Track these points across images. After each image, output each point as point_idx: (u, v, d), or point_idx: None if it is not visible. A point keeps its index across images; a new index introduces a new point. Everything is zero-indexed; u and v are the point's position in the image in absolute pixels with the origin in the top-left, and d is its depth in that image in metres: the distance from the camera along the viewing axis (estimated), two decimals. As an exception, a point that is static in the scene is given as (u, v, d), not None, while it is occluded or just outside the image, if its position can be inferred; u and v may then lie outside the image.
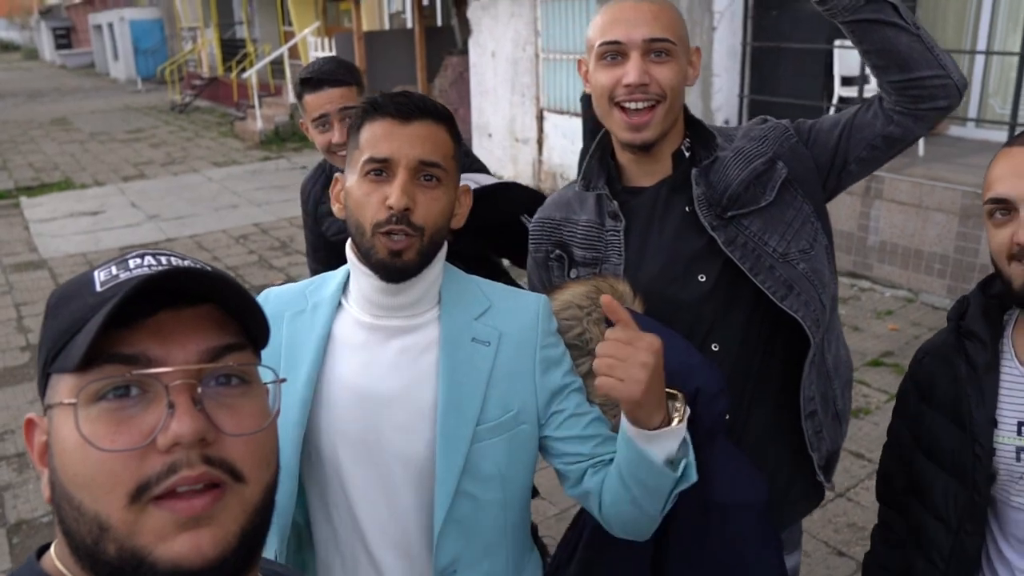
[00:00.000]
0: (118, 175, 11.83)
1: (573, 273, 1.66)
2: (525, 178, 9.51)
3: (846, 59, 6.61)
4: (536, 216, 1.76)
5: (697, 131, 1.64)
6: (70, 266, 7.51)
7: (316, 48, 13.31)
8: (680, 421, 1.24)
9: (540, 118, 9.20)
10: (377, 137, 1.28)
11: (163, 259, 0.73)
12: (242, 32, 19.69)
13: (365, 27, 12.58)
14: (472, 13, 10.03)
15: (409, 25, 13.45)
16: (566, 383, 1.39)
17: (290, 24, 16.27)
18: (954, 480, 1.45)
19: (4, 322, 6.16)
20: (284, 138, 14.15)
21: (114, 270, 0.73)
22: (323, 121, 2.33)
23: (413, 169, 1.27)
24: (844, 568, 3.19)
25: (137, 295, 0.66)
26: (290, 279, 6.37)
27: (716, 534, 1.47)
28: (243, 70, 16.96)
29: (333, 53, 12.59)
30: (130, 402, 0.67)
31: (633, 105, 1.51)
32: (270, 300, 1.43)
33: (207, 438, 0.67)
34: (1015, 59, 5.59)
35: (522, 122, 9.40)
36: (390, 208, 1.25)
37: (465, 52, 10.69)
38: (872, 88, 6.45)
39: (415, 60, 12.13)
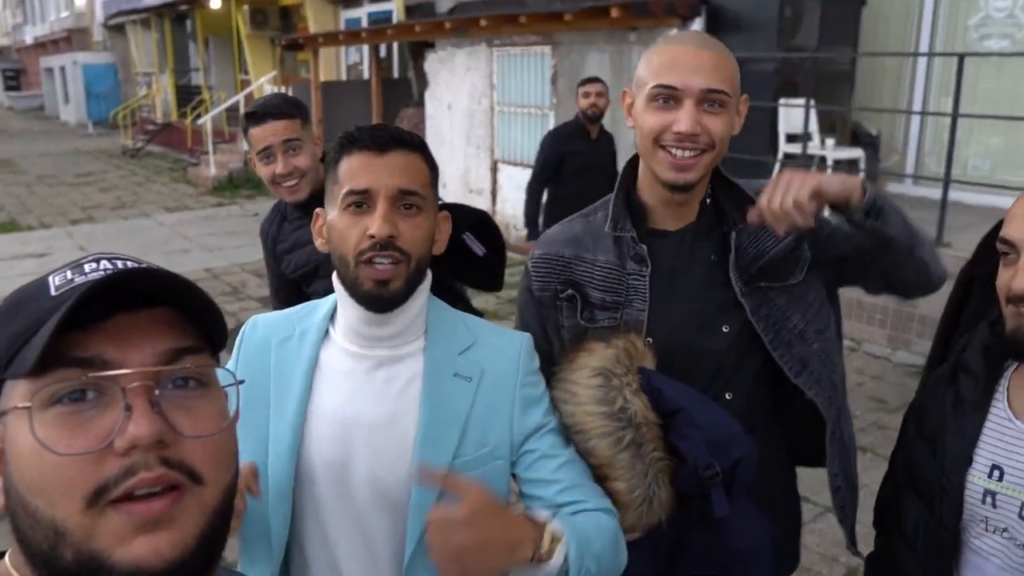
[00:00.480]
0: (66, 218, 11.65)
1: (586, 315, 1.61)
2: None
3: (791, 116, 6.87)
4: (538, 252, 1.69)
5: (723, 183, 1.63)
6: (13, 308, 7.35)
7: (272, 96, 13.39)
8: (552, 558, 1.20)
9: (494, 170, 9.33)
10: (355, 170, 1.30)
11: (119, 263, 0.73)
12: (198, 79, 19.68)
13: (322, 77, 12.69)
14: (429, 66, 10.20)
15: (366, 76, 13.60)
16: (543, 423, 1.39)
17: (246, 72, 16.34)
18: (926, 511, 1.43)
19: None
20: (238, 185, 14.10)
21: (69, 274, 0.72)
22: (267, 153, 2.37)
23: (393, 198, 1.29)
24: None
25: (92, 297, 0.65)
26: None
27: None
28: (198, 116, 16.92)
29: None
30: (86, 406, 0.66)
31: (680, 153, 1.49)
32: (258, 326, 1.44)
33: (165, 440, 0.67)
34: (947, 120, 5.87)
35: (476, 173, 9.53)
36: (372, 237, 1.27)
37: (421, 104, 10.84)
38: (815, 145, 6.70)
39: (371, 110, 12.25)
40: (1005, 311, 1.31)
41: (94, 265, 0.72)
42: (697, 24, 7.14)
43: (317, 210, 1.41)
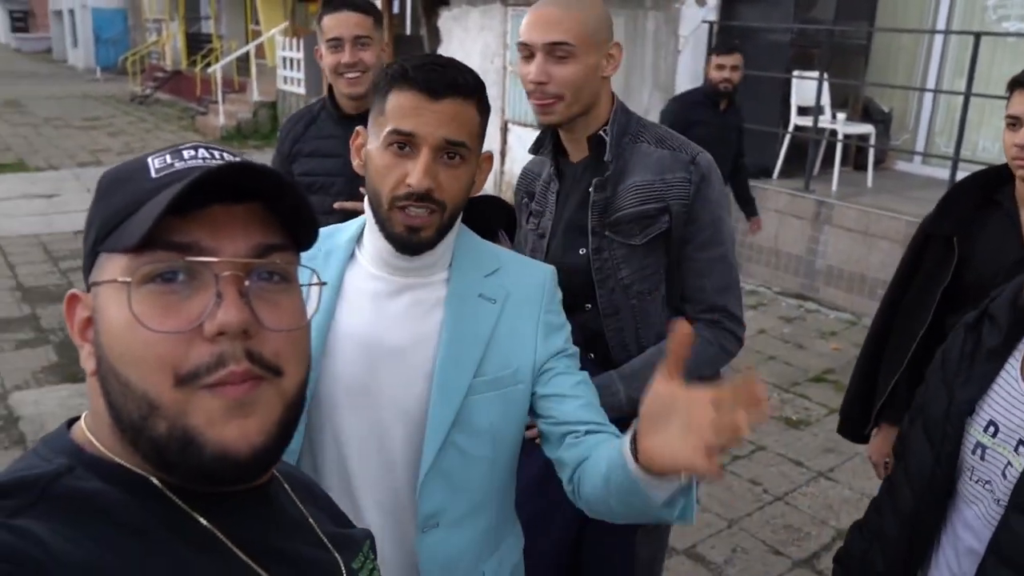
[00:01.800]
0: (73, 160, 11.65)
1: (530, 221, 1.97)
2: (487, 188, 9.60)
3: (803, 89, 6.86)
4: (526, 166, 2.05)
5: (604, 132, 1.83)
6: (22, 246, 7.40)
7: (284, 48, 13.30)
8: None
9: (504, 130, 9.33)
10: (404, 110, 1.25)
11: (215, 153, 0.76)
12: (208, 27, 19.54)
13: (334, 30, 12.61)
14: (443, 23, 10.14)
15: (378, 31, 13.50)
16: (564, 348, 1.41)
17: (257, 23, 16.22)
18: (929, 449, 1.47)
19: (-48, 297, 6.06)
20: (246, 135, 14.06)
21: (168, 159, 0.74)
22: (336, 43, 2.41)
23: (437, 148, 1.25)
24: (780, 566, 3.32)
25: (196, 186, 0.67)
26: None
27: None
28: (207, 65, 16.83)
29: (300, 54, 12.59)
30: (177, 287, 0.69)
31: (537, 99, 1.78)
32: None
33: (249, 330, 0.69)
34: (960, 100, 5.87)
35: (487, 133, 9.52)
36: (409, 186, 1.25)
37: (433, 61, 10.77)
38: (826, 119, 6.70)
39: (383, 67, 12.19)
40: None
41: (192, 152, 0.75)
42: (715, -9, 7.12)
43: (358, 128, 1.39)
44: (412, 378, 1.33)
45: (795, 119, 6.87)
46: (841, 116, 6.80)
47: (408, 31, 13.80)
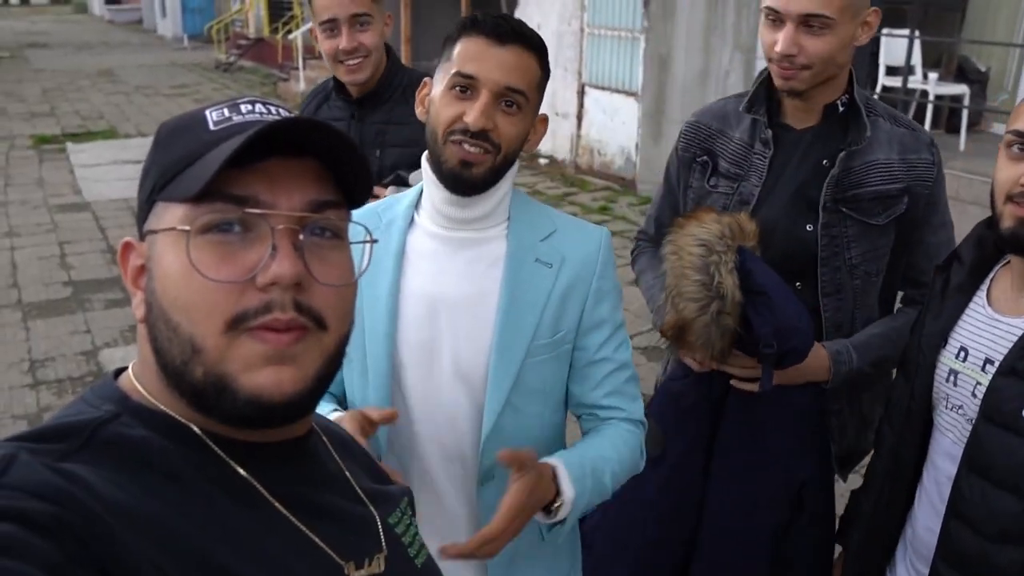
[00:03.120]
0: (162, 127, 12.02)
1: (712, 181, 1.84)
2: (563, 152, 9.55)
3: (892, 48, 6.58)
4: (692, 119, 1.92)
5: (857, 102, 1.74)
6: (112, 210, 7.69)
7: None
8: (556, 515, 1.30)
9: (581, 93, 9.22)
10: (469, 54, 1.31)
11: (272, 108, 0.77)
12: (289, -6, 19.78)
13: (412, -5, 12.62)
14: (520, -15, 10.04)
15: (456, -5, 13.46)
16: (609, 318, 1.45)
17: (337, -11, 16.34)
18: (906, 385, 1.54)
19: (49, 258, 6.34)
20: (325, 101, 14.24)
21: (226, 112, 0.76)
22: (331, 26, 2.15)
23: (497, 93, 1.30)
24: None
25: (256, 139, 0.68)
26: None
27: (770, 425, 1.78)
28: (288, 32, 17.07)
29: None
30: (233, 238, 0.71)
31: (780, 69, 1.67)
32: None
33: (302, 283, 0.71)
34: (1065, 56, 5.54)
35: (563, 96, 9.43)
36: (466, 123, 1.30)
37: (510, 24, 10.70)
38: (916, 79, 6.42)
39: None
40: (1002, 209, 1.36)
41: (249, 107, 0.77)
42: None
43: (425, 79, 1.42)
44: (471, 334, 1.38)
45: (883, 79, 6.60)
46: (933, 76, 6.49)
47: (485, -6, 13.73)
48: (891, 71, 6.59)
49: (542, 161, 9.70)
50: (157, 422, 0.72)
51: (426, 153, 1.39)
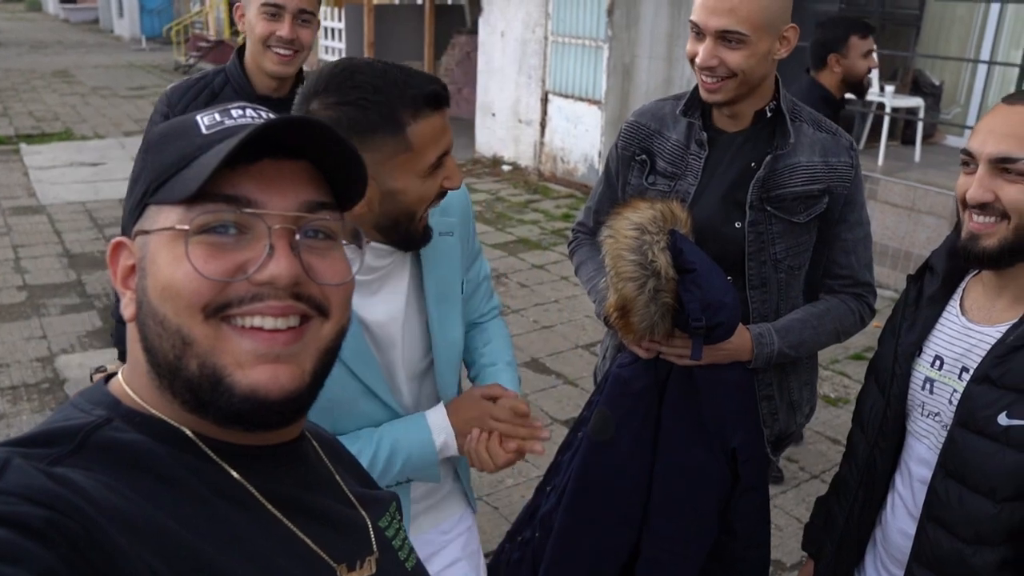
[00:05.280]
0: (119, 129, 11.81)
1: (649, 179, 1.95)
2: (526, 159, 9.57)
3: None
4: (631, 118, 2.03)
5: (782, 108, 1.86)
6: (68, 213, 7.54)
7: (325, 17, 13.30)
8: None
9: (545, 100, 9.26)
10: None
11: (262, 113, 0.78)
12: (251, -3, 19.56)
13: (376, 0, 12.59)
14: (484, -8, 10.05)
15: (419, 1, 13.45)
16: (479, 247, 1.73)
17: (300, -8, 16.24)
18: (880, 395, 1.58)
19: (2, 262, 6.20)
20: (287, 105, 14.12)
21: (218, 116, 0.77)
22: (275, 11, 2.12)
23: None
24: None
25: (249, 140, 0.69)
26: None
27: (705, 397, 1.89)
28: (250, 35, 16.89)
29: (342, 24, 12.60)
30: (228, 240, 0.71)
31: (707, 79, 1.78)
32: None
33: (300, 283, 0.72)
34: (1015, 72, 5.69)
35: (527, 103, 9.46)
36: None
37: (473, 32, 10.72)
38: (874, 92, 6.55)
39: (423, 36, 12.16)
40: (962, 217, 1.41)
41: (240, 112, 0.77)
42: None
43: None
44: (415, 317, 1.53)
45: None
46: (889, 89, 6.62)
47: (450, 1, 13.75)
48: (849, 83, 6.70)
49: (505, 168, 9.72)
50: (149, 426, 0.72)
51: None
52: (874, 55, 3.57)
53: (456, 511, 1.74)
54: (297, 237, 0.73)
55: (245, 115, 0.77)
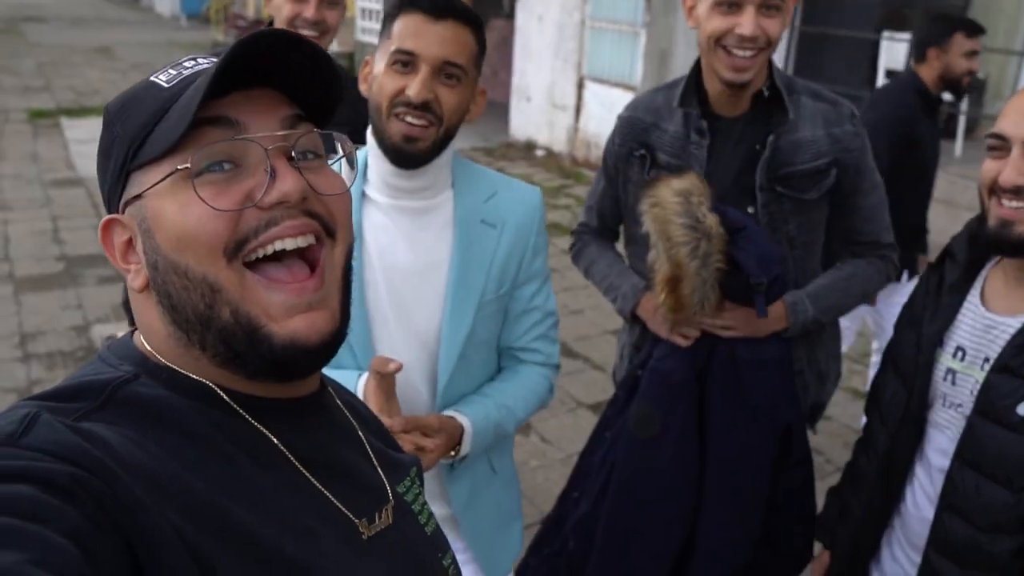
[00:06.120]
0: (157, 106, 11.94)
1: (652, 173, 1.90)
2: (560, 144, 9.55)
3: (892, 51, 6.60)
4: (625, 113, 1.99)
5: (777, 85, 1.82)
6: (107, 187, 7.64)
7: (363, -2, 13.32)
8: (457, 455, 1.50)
9: (580, 86, 9.21)
10: (407, 31, 1.37)
11: (212, 59, 0.77)
12: (289, -23, 19.64)
13: (413, -19, 12.58)
14: (522, -25, 10.01)
15: (457, -16, 13.43)
16: (541, 270, 1.60)
17: (338, -27, 16.28)
18: (902, 386, 1.57)
19: (41, 233, 6.31)
20: (323, 85, 14.17)
21: (172, 71, 0.76)
22: None
23: (436, 67, 1.37)
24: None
25: (217, 74, 0.67)
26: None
27: (750, 379, 1.84)
28: (288, 15, 16.96)
29: (379, 5, 12.60)
30: (226, 175, 0.70)
31: (742, 53, 1.70)
32: None
33: (308, 198, 0.72)
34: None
35: (562, 88, 9.42)
36: (408, 96, 1.36)
37: (511, 16, 10.68)
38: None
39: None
40: (987, 203, 1.38)
41: (193, 62, 0.77)
42: (805, -53, 6.85)
43: (367, 57, 1.48)
44: (426, 299, 1.48)
45: (882, 82, 6.62)
46: (894, 79, 6.50)
47: (487, -16, 13.68)
48: (890, 74, 6.61)
49: (539, 153, 9.70)
50: (176, 382, 0.72)
51: (371, 127, 1.45)
52: (978, 58, 3.43)
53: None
54: (293, 154, 0.72)
55: (199, 63, 0.76)
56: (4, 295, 5.16)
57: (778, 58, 7.29)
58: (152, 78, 0.76)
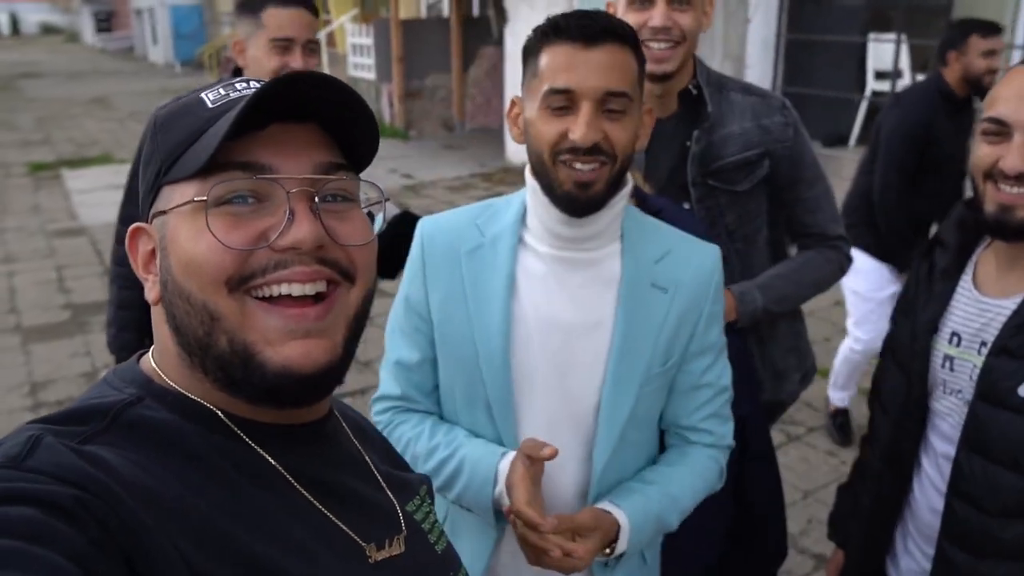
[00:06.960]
0: (156, 152, 12.03)
1: None
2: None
3: (880, 53, 6.64)
4: None
5: (710, 76, 1.86)
6: (109, 233, 7.65)
7: (353, 35, 13.47)
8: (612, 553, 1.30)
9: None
10: (559, 65, 1.19)
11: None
12: (280, 19, 19.83)
13: (403, 15, 12.71)
14: (510, 2, 10.11)
15: (446, 14, 13.57)
16: (716, 342, 1.39)
17: (328, 11, 16.48)
18: (901, 375, 1.55)
19: (47, 283, 6.35)
20: (318, 122, 14.26)
21: (222, 91, 0.76)
22: (286, 45, 2.12)
23: (598, 102, 1.19)
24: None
25: (255, 105, 0.67)
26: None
27: None
28: (280, 55, 17.11)
29: (371, 40, 12.74)
30: (246, 209, 0.70)
31: (657, 45, 1.75)
32: (436, 236, 1.37)
33: (325, 246, 0.70)
34: (1050, 55, 5.60)
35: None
36: (573, 142, 1.19)
37: (500, 43, 10.78)
38: (905, 82, 6.48)
39: (451, 49, 12.25)
40: (982, 188, 1.36)
41: (244, 84, 0.77)
42: (786, -45, 6.93)
43: (513, 97, 1.32)
44: (584, 362, 1.31)
45: (872, 84, 6.66)
46: (921, 79, 6.55)
47: (475, 13, 13.85)
48: (879, 76, 6.65)
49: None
50: (180, 405, 0.72)
51: (529, 171, 1.30)
52: (997, 57, 3.52)
53: None
54: (316, 200, 0.71)
55: (249, 87, 0.76)
56: (12, 345, 5.18)
57: (767, 66, 7.35)
58: (202, 94, 0.76)
